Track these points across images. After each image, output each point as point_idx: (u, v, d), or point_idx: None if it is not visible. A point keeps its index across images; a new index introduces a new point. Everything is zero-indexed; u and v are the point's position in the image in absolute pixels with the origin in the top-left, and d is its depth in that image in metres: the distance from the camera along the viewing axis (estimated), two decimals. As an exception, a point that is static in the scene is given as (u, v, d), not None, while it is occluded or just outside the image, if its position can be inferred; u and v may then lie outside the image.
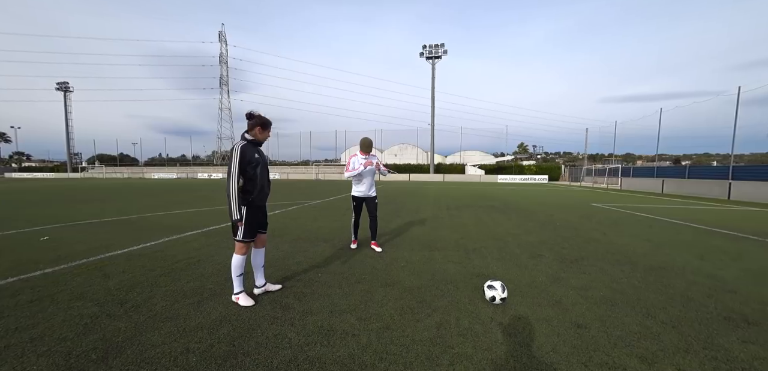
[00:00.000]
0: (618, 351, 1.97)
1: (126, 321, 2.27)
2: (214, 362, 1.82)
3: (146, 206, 9.37)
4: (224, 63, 59.45)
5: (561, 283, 3.17)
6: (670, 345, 2.06)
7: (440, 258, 4.05)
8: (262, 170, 2.61)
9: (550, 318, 2.42)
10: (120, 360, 1.82)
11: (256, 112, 2.62)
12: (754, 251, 4.66)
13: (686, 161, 45.61)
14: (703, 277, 3.42)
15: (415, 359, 1.88)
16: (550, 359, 1.89)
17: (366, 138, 4.27)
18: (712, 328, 2.29)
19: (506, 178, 38.37)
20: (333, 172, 44.39)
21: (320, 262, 3.83)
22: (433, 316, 2.43)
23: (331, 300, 2.71)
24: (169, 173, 51.30)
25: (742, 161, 22.63)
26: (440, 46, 41.13)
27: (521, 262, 3.92)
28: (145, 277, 3.18)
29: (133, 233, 5.35)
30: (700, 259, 4.15)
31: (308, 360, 1.85)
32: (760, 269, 3.78)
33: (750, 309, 2.63)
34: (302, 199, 12.13)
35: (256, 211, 2.63)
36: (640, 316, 2.46)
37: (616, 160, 30.01)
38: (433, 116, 42.16)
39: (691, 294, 2.92)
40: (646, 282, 3.25)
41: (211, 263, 3.70)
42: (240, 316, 2.38)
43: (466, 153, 51.53)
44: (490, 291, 2.69)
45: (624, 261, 3.99)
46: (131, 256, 3.95)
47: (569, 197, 14.62)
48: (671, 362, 1.87)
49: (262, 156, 2.67)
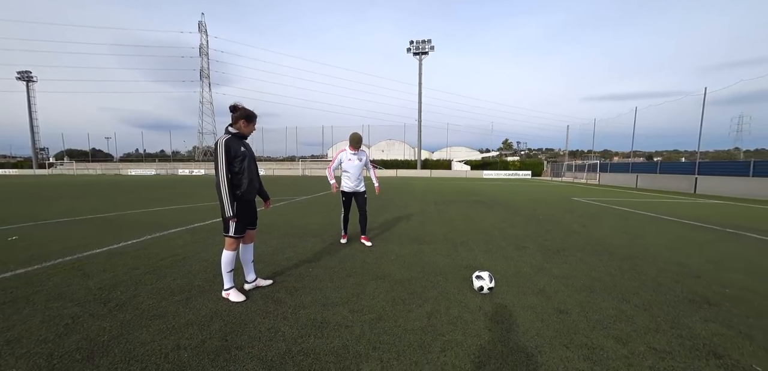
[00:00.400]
0: (596, 334, 2.10)
1: (111, 321, 2.20)
2: (207, 357, 1.80)
3: (124, 204, 8.97)
4: (205, 55, 57.30)
5: (544, 273, 3.32)
6: (643, 326, 2.22)
7: (429, 251, 4.13)
8: (249, 164, 2.57)
9: (535, 305, 2.54)
10: (107, 359, 1.77)
11: (240, 104, 2.56)
12: (716, 240, 5.04)
13: (658, 157, 48.21)
14: (671, 264, 3.67)
15: (408, 347, 1.94)
16: (535, 342, 2.00)
17: (355, 133, 4.28)
18: (678, 310, 2.48)
19: (491, 173, 39.25)
20: (320, 168, 43.91)
21: (310, 257, 3.82)
22: (424, 306, 2.50)
23: (323, 293, 2.73)
24: (148, 169, 49.10)
25: (707, 157, 24.18)
26: (427, 42, 41.31)
27: (507, 254, 4.07)
28: (129, 275, 3.08)
29: (112, 232, 5.13)
30: (669, 248, 4.45)
31: (303, 352, 1.87)
32: (720, 256, 4.09)
33: (711, 291, 2.87)
34: (289, 195, 11.97)
35: (246, 206, 2.59)
36: (616, 301, 2.62)
37: (594, 156, 31.32)
38: (420, 112, 42.41)
39: (661, 280, 3.14)
40: (621, 269, 3.46)
41: (198, 260, 3.62)
42: (231, 312, 2.36)
43: (452, 149, 52.25)
44: (478, 281, 2.78)
45: (602, 251, 4.22)
46: (111, 255, 3.80)
47: (551, 192, 15.16)
48: (643, 341, 2.02)
49: (249, 149, 2.62)
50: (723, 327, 2.23)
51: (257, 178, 2.70)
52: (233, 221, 2.47)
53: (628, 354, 1.88)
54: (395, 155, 50.50)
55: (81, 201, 9.64)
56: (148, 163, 52.63)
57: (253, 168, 2.64)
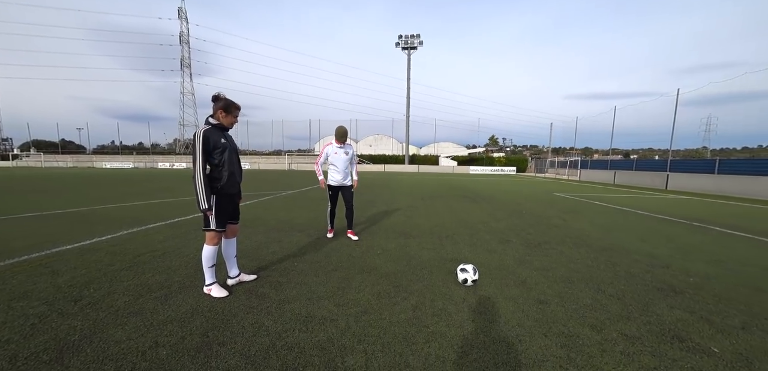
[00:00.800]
0: (573, 322, 2.20)
1: (82, 319, 2.10)
2: (187, 354, 1.75)
3: (98, 198, 8.53)
4: (185, 43, 54.88)
5: (526, 265, 3.43)
6: (616, 313, 2.33)
7: (415, 245, 4.17)
8: (230, 156, 2.48)
9: (516, 296, 2.62)
10: (78, 359, 1.69)
11: (222, 94, 2.47)
12: (684, 233, 5.35)
13: (634, 155, 50.49)
14: (643, 256, 3.87)
15: (393, 339, 1.96)
16: (516, 332, 2.06)
17: (341, 127, 4.23)
18: (648, 298, 2.62)
19: (477, 169, 39.96)
20: (307, 162, 43.31)
21: (296, 251, 3.78)
22: (409, 299, 2.53)
23: (309, 287, 2.71)
24: (125, 162, 46.84)
25: (678, 156, 25.56)
26: (416, 36, 41.27)
27: (491, 247, 4.17)
28: (102, 272, 2.94)
29: (84, 227, 4.87)
30: (642, 240, 4.68)
31: (287, 346, 1.86)
32: (687, 247, 4.35)
33: (677, 280, 3.05)
34: (275, 189, 11.75)
35: (227, 200, 2.52)
36: (592, 291, 2.74)
37: (576, 153, 32.43)
38: (408, 107, 42.48)
39: (633, 270, 3.31)
40: (597, 261, 3.61)
41: (178, 255, 3.50)
42: (213, 307, 2.31)
43: (440, 145, 52.76)
44: (462, 273, 2.84)
45: (580, 244, 4.39)
46: (83, 251, 3.62)
47: (534, 188, 15.61)
48: (615, 328, 2.13)
49: (230, 141, 2.54)
50: (686, 312, 2.38)
51: (239, 171, 2.63)
52: (211, 214, 2.40)
53: (601, 340, 1.98)
54: (383, 150, 50.48)
55: (49, 195, 9.09)
56: (124, 156, 50.17)
57: (235, 161, 2.56)
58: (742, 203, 10.28)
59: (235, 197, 2.64)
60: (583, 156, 31.11)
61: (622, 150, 53.11)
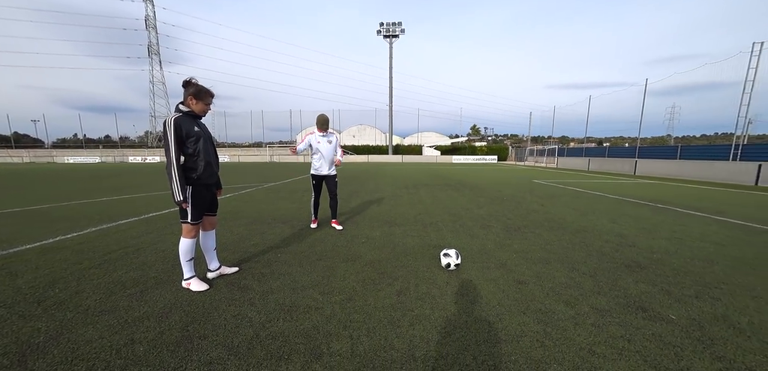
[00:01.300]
0: (549, 300, 2.32)
1: (47, 321, 1.97)
2: (166, 348, 1.70)
3: (61, 195, 7.96)
4: (152, 27, 51.28)
5: (506, 248, 3.56)
6: (588, 289, 2.48)
7: (400, 233, 4.22)
8: (205, 145, 2.37)
9: (497, 278, 2.72)
10: (44, 361, 1.60)
11: (193, 79, 2.34)
12: (649, 213, 5.73)
13: (607, 142, 53.06)
14: (613, 236, 4.12)
15: (378, 324, 1.98)
16: (496, 311, 2.15)
17: (322, 115, 4.15)
18: (617, 274, 2.81)
19: (460, 158, 40.63)
20: (288, 154, 42.33)
21: (279, 243, 3.72)
22: (394, 285, 2.56)
23: (293, 278, 2.68)
24: (90, 156, 43.78)
25: (646, 143, 27.15)
26: (398, 24, 40.80)
27: (473, 232, 4.28)
28: (69, 271, 2.77)
29: (45, 225, 4.54)
30: (612, 222, 4.98)
31: (271, 335, 1.84)
32: (651, 226, 4.67)
33: (642, 257, 3.28)
34: (256, 182, 11.43)
35: (203, 190, 2.42)
36: (567, 270, 2.90)
37: (553, 142, 33.67)
38: (390, 96, 42.24)
39: (604, 250, 3.52)
40: (572, 242, 3.81)
41: (153, 251, 3.35)
42: (193, 301, 2.24)
43: (423, 135, 53.05)
44: (445, 258, 2.90)
45: (557, 227, 4.61)
46: (46, 250, 3.38)
47: (514, 175, 16.12)
48: (588, 303, 2.27)
49: (204, 130, 2.42)
50: (649, 285, 2.57)
51: (216, 161, 2.53)
52: (188, 206, 2.31)
53: (575, 314, 2.10)
54: (367, 140, 50.14)
55: (3, 193, 8.37)
56: (90, 149, 46.84)
57: (210, 150, 2.45)
58: (700, 186, 11.13)
59: (212, 187, 2.55)
60: (560, 144, 32.39)
61: (596, 138, 55.71)
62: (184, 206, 2.29)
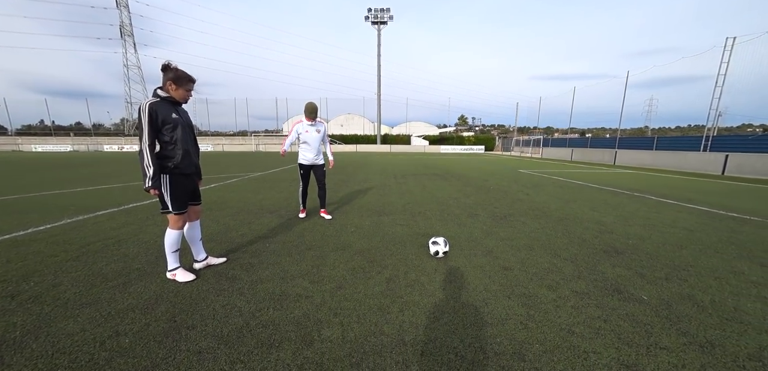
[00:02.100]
0: (533, 284, 2.42)
1: (23, 314, 1.89)
2: (154, 339, 1.67)
3: (30, 185, 7.52)
4: (124, 6, 48.11)
5: (492, 236, 3.66)
6: (569, 274, 2.60)
7: (389, 222, 4.25)
8: (183, 133, 2.26)
9: (483, 264, 2.80)
10: (22, 356, 1.54)
11: (172, 64, 2.22)
12: (626, 202, 6.02)
13: (589, 134, 54.80)
14: (593, 223, 4.31)
15: (368, 310, 2.02)
16: (483, 296, 2.23)
17: (311, 103, 4.08)
18: (595, 259, 2.95)
19: (448, 148, 41.00)
20: (275, 143, 41.44)
21: (267, 233, 3.68)
22: (383, 273, 2.60)
23: (282, 267, 2.67)
24: (61, 144, 41.32)
25: (626, 134, 28.27)
26: (386, 10, 40.10)
27: (461, 221, 4.37)
28: (44, 264, 2.65)
29: (14, 217, 4.30)
30: (592, 210, 5.20)
31: (261, 324, 1.84)
32: (628, 214, 4.91)
33: (620, 242, 3.46)
34: (241, 171, 11.17)
35: (183, 180, 2.32)
36: (550, 256, 3.02)
37: (539, 132, 34.44)
38: (379, 85, 41.80)
39: (584, 236, 3.68)
40: (555, 230, 3.96)
41: (136, 242, 3.25)
42: (179, 292, 2.20)
43: (411, 124, 53.06)
44: (434, 246, 2.96)
45: (541, 215, 4.76)
46: (17, 243, 3.21)
47: (501, 165, 16.45)
48: (568, 287, 2.38)
49: (184, 117, 2.32)
50: (625, 269, 2.72)
51: (195, 150, 2.44)
52: (157, 193, 2.20)
53: (556, 298, 2.21)
54: (354, 129, 49.68)
55: (-32, 182, 7.82)
56: (60, 137, 44.14)
57: (189, 138, 2.34)
58: (673, 175, 11.74)
59: (192, 177, 2.46)
60: (545, 135, 33.17)
61: (579, 129, 57.46)
62: (154, 192, 2.16)
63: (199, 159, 2.53)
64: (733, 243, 3.49)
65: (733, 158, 12.64)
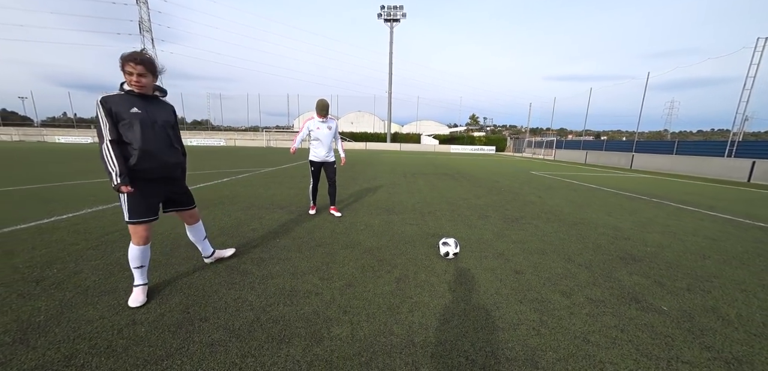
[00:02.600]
0: (545, 289, 2.36)
1: (46, 300, 1.97)
2: (168, 329, 1.71)
3: (54, 174, 7.85)
4: (143, 3, 49.44)
5: (504, 238, 3.59)
6: (583, 281, 2.53)
7: (398, 221, 4.24)
8: (143, 130, 1.87)
9: (495, 267, 2.76)
10: (45, 339, 1.60)
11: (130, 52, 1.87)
12: (644, 207, 5.81)
13: (604, 136, 53.26)
14: (608, 229, 4.18)
15: (377, 310, 2.01)
16: (493, 300, 2.19)
17: (322, 100, 4.09)
18: (612, 266, 2.86)
19: (458, 148, 40.60)
20: (286, 139, 41.92)
21: (277, 228, 3.72)
22: (393, 272, 2.59)
23: (292, 263, 2.69)
24: (82, 136, 42.95)
25: (643, 137, 27.31)
26: (399, 8, 39.90)
27: (471, 222, 4.32)
28: (66, 252, 2.75)
29: (40, 205, 4.49)
30: (608, 215, 5.04)
31: (272, 319, 1.86)
32: (646, 220, 4.74)
33: (637, 249, 3.34)
34: (253, 167, 11.34)
35: (143, 186, 1.95)
36: (563, 261, 2.94)
37: (552, 134, 33.70)
38: (390, 82, 41.69)
39: (600, 242, 3.57)
40: (569, 234, 3.86)
41: (152, 233, 3.33)
42: (193, 284, 2.24)
43: (421, 123, 52.76)
44: (444, 247, 2.93)
45: (554, 219, 4.65)
46: (42, 230, 3.35)
47: (512, 167, 16.17)
48: (583, 293, 2.31)
49: (151, 111, 1.93)
50: (643, 277, 2.62)
51: (167, 148, 2.03)
52: (123, 203, 1.94)
53: (570, 304, 2.15)
54: (365, 127, 49.76)
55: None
56: (81, 129, 45.90)
57: (153, 136, 1.93)
58: (695, 181, 11.27)
59: (161, 182, 2.07)
60: (559, 136, 32.41)
61: (594, 131, 55.93)
62: (124, 190, 1.85)
63: (184, 159, 2.21)
64: (760, 255, 3.33)
65: (760, 164, 12.04)
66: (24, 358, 1.47)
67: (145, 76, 1.88)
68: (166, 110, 2.06)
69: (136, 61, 1.84)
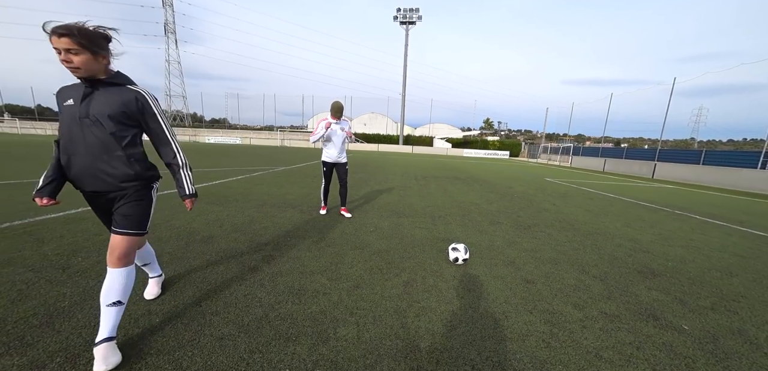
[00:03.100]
0: (557, 301, 2.29)
1: (71, 287, 2.08)
2: (180, 321, 1.77)
3: (82, 167, 8.26)
4: (169, 5, 51.67)
5: (515, 246, 3.52)
6: (598, 293, 2.44)
7: (408, 224, 4.22)
8: (71, 127, 1.40)
9: (505, 275, 2.70)
10: (69, 324, 1.69)
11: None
12: (665, 219, 5.55)
13: (624, 143, 51.33)
14: (626, 240, 4.01)
15: (384, 312, 2.01)
16: (503, 309, 2.14)
17: (337, 102, 4.14)
18: (629, 279, 2.74)
19: (471, 152, 40.05)
20: (300, 139, 42.60)
21: (288, 227, 3.78)
22: (401, 275, 2.58)
23: (301, 262, 2.73)
24: (108, 131, 44.96)
25: (667, 146, 26.10)
26: (415, 10, 39.90)
27: (482, 228, 4.25)
28: (91, 242, 2.90)
29: (69, 196, 4.70)
30: (626, 226, 4.85)
31: (280, 317, 1.89)
32: (667, 233, 4.53)
33: (657, 264, 3.19)
34: (267, 165, 11.59)
35: (91, 198, 1.60)
36: (577, 272, 2.85)
37: (569, 140, 32.75)
38: (404, 85, 41.67)
39: (616, 254, 3.44)
40: (584, 244, 3.74)
41: (167, 227, 3.46)
42: (205, 278, 2.31)
43: (434, 126, 52.43)
44: (453, 252, 2.90)
45: (568, 228, 4.52)
46: (69, 220, 3.53)
47: (526, 172, 15.81)
48: (597, 307, 2.23)
49: (87, 102, 1.39)
50: (662, 293, 2.50)
51: (92, 152, 1.42)
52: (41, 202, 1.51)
53: (583, 317, 2.07)
54: (378, 128, 49.91)
55: (28, 163, 8.75)
56: (108, 124, 48.11)
57: (79, 135, 1.39)
58: (723, 194, 10.68)
59: (94, 196, 1.58)
60: (576, 143, 31.45)
61: (614, 138, 53.98)
62: (39, 203, 1.51)
63: (113, 171, 1.48)
64: (794, 275, 3.11)
65: (796, 178, 11.27)
66: (49, 341, 1.56)
67: (76, 53, 1.30)
68: (113, 101, 1.43)
69: (59, 33, 1.26)
